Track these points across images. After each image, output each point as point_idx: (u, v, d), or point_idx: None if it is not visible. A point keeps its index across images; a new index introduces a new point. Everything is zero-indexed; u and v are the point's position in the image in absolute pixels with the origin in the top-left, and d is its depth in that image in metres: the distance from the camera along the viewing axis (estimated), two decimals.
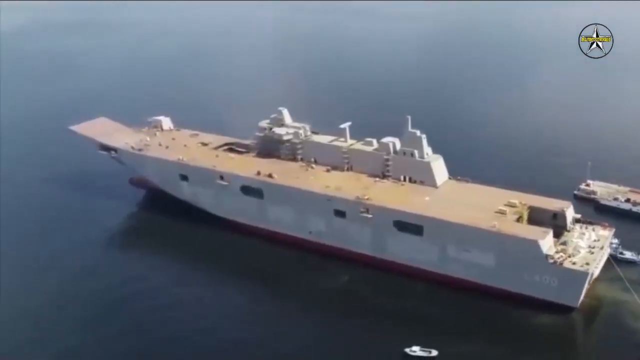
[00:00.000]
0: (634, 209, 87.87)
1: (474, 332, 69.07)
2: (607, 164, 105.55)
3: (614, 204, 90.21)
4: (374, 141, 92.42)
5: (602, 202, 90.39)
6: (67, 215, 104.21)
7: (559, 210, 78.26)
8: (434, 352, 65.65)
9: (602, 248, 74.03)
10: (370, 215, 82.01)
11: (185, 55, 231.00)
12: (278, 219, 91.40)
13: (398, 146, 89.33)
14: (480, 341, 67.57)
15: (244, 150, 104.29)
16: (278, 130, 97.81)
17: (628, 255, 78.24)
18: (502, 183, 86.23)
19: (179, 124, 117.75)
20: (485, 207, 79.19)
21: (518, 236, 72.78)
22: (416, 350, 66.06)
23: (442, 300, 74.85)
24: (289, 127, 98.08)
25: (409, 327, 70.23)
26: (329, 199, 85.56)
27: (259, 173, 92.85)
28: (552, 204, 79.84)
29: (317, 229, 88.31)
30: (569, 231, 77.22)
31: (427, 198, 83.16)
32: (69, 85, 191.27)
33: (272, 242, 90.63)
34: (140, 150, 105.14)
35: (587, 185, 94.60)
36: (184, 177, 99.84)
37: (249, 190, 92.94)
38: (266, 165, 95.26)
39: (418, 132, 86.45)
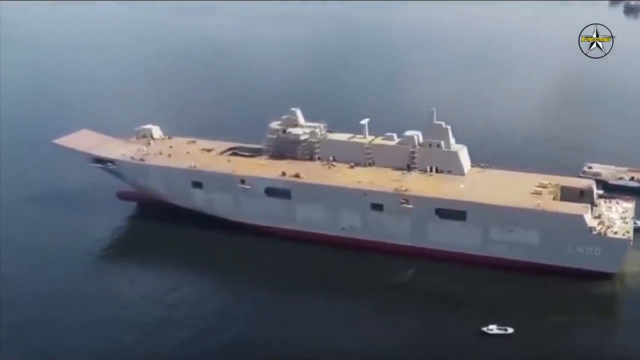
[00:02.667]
0: None
1: (541, 307, 73.21)
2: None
3: (621, 182, 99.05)
4: (394, 135, 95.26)
5: (611, 182, 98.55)
6: (59, 233, 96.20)
7: (587, 188, 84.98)
8: (510, 330, 68.97)
9: (632, 218, 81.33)
10: (410, 206, 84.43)
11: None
12: (307, 218, 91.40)
13: (421, 139, 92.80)
14: (550, 315, 71.65)
15: (249, 154, 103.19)
16: (294, 130, 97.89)
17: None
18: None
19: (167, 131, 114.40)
20: (519, 190, 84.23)
21: (564, 212, 78.34)
22: (493, 328, 69.19)
23: (505, 282, 78.25)
24: (305, 127, 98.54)
25: (483, 309, 72.92)
26: (365, 193, 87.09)
27: (284, 174, 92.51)
28: (578, 182, 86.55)
29: (350, 225, 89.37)
30: (596, 206, 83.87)
31: (461, 185, 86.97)
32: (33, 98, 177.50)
33: (300, 242, 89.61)
34: (142, 160, 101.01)
35: (590, 167, 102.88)
36: (197, 185, 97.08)
37: (274, 191, 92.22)
38: (286, 166, 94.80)
39: (443, 124, 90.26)
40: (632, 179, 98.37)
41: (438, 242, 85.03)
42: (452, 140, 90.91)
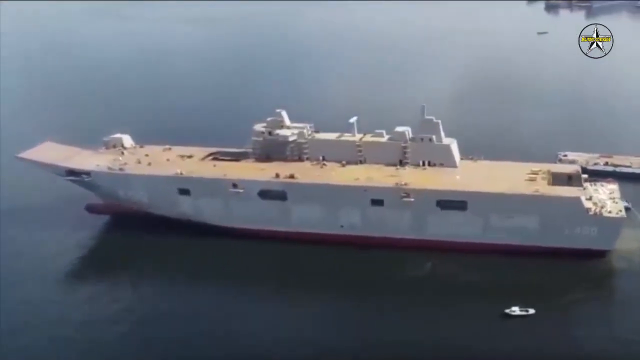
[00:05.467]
0: (617, 169, 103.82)
1: (555, 288, 76.68)
2: None
3: (598, 167, 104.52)
4: (383, 132, 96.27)
5: (588, 167, 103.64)
6: (26, 252, 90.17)
7: (575, 172, 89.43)
8: (532, 311, 71.41)
9: (620, 198, 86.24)
10: (412, 199, 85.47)
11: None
12: (303, 219, 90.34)
13: (410, 134, 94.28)
14: (564, 294, 75.08)
15: (231, 158, 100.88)
16: (282, 132, 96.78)
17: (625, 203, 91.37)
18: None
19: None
20: (514, 178, 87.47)
21: (562, 196, 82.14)
22: (515, 309, 71.39)
23: (515, 267, 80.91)
24: (291, 128, 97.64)
25: (501, 294, 75.25)
26: (366, 189, 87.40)
27: (277, 175, 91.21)
28: (565, 168, 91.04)
29: (349, 222, 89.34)
30: (584, 189, 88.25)
31: (457, 177, 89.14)
32: None
33: (294, 242, 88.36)
34: (121, 169, 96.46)
35: (565, 155, 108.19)
36: (184, 192, 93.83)
37: (268, 194, 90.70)
38: (277, 168, 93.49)
39: (434, 119, 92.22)
40: (606, 164, 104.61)
41: (439, 233, 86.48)
42: (442, 134, 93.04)
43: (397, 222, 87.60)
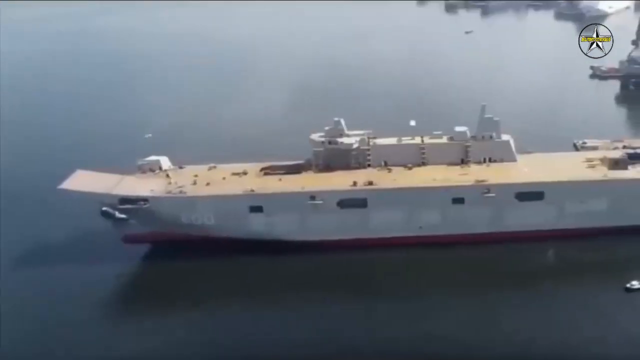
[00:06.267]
0: (637, 151, 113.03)
1: None
2: None
3: (629, 151, 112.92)
4: (441, 133, 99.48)
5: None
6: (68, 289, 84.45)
7: (621, 157, 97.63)
8: None
9: None
10: (493, 195, 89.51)
11: None
12: (382, 224, 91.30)
13: (469, 133, 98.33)
14: None
15: (284, 172, 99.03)
16: (346, 140, 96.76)
17: None
18: None
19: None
20: (576, 166, 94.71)
21: (629, 178, 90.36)
22: (635, 283, 78.29)
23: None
24: (352, 136, 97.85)
25: (618, 270, 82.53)
26: (447, 189, 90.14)
27: (355, 183, 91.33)
28: (610, 154, 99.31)
29: (429, 222, 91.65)
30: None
31: (525, 169, 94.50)
32: None
33: (375, 249, 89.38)
34: (182, 192, 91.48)
35: (585, 143, 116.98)
36: (256, 209, 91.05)
37: (348, 203, 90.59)
38: (345, 177, 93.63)
39: (494, 117, 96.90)
40: (624, 147, 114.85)
41: (515, 224, 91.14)
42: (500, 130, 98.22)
43: (475, 218, 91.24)
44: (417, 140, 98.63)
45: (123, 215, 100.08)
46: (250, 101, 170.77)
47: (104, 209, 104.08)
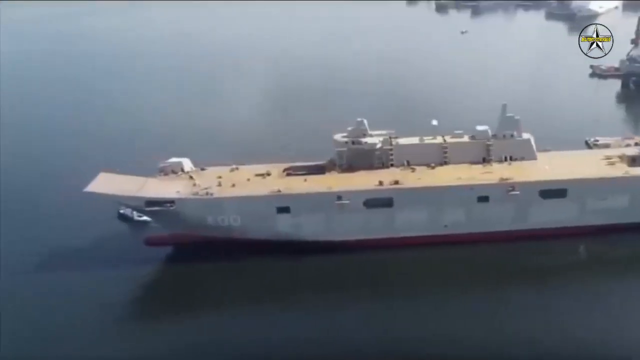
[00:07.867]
0: None
1: None
2: None
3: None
4: (462, 132, 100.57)
5: None
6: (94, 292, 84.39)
7: (638, 154, 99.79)
8: None
9: None
10: (517, 192, 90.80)
11: None
12: (407, 223, 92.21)
13: (490, 132, 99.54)
14: None
15: (306, 172, 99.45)
16: (369, 140, 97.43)
17: None
18: None
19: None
20: (596, 163, 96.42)
21: None
22: None
23: None
24: (375, 136, 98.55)
25: None
26: (472, 187, 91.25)
27: (380, 183, 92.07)
28: (626, 151, 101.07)
29: (454, 221, 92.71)
30: None
31: (546, 167, 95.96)
32: None
33: (400, 248, 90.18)
34: (208, 194, 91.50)
35: (597, 140, 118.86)
36: (283, 210, 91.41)
37: (374, 202, 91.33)
38: (370, 177, 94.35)
39: (515, 116, 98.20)
40: (636, 144, 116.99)
41: (538, 221, 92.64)
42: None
43: (499, 216, 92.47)
44: (439, 139, 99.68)
45: (142, 218, 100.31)
46: (250, 101, 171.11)
47: (122, 211, 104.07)
